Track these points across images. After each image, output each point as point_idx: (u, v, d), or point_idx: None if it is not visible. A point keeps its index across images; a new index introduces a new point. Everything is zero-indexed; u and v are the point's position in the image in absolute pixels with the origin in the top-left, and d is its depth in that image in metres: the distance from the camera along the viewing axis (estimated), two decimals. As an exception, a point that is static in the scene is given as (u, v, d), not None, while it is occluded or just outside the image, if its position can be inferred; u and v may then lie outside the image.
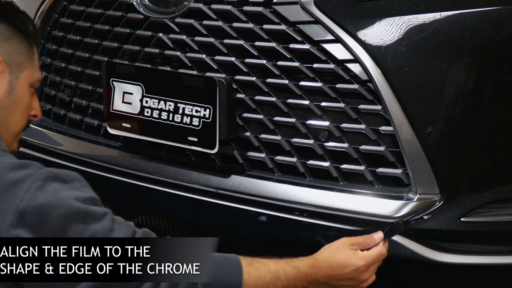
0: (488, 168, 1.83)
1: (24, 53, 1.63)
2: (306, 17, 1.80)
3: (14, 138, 1.63)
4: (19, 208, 1.31)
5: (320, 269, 1.60)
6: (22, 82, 1.61)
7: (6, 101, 1.58)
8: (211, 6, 1.93)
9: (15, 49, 1.61)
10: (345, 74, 1.79)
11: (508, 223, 1.84)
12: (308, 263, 1.60)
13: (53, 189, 1.36)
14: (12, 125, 1.61)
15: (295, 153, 1.90)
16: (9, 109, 1.59)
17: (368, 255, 1.67)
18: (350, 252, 1.65)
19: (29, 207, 1.32)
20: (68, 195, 1.36)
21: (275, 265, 1.54)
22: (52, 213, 1.33)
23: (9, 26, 1.61)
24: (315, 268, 1.60)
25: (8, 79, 1.58)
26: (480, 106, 1.77)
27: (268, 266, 1.53)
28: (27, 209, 1.31)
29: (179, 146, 2.00)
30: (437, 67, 1.73)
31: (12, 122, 1.60)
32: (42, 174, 1.37)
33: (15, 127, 1.62)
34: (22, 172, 1.36)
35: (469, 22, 1.74)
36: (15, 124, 1.62)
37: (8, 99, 1.58)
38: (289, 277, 1.54)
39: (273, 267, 1.53)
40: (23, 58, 1.62)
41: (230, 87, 1.90)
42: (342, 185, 1.87)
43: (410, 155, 1.76)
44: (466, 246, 1.85)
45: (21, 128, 1.65)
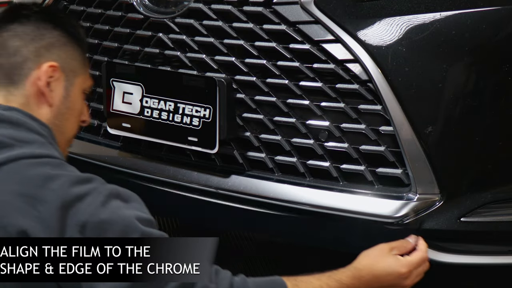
0: (488, 168, 1.83)
1: (78, 59, 1.62)
2: (306, 17, 1.80)
3: (67, 144, 1.63)
4: (80, 221, 1.32)
5: (362, 278, 1.59)
6: (76, 88, 1.61)
7: (62, 107, 1.57)
8: (211, 6, 1.93)
9: (70, 56, 1.60)
10: (345, 74, 1.79)
11: (508, 223, 1.84)
12: (349, 274, 1.58)
13: (115, 206, 1.36)
14: (67, 131, 1.60)
15: (295, 153, 1.90)
16: (65, 115, 1.58)
17: (410, 261, 1.65)
18: (391, 259, 1.63)
19: (91, 222, 1.33)
20: (129, 214, 1.37)
21: (318, 282, 1.53)
22: (111, 230, 1.33)
23: (64, 33, 1.60)
24: (357, 278, 1.58)
25: (64, 85, 1.58)
26: (480, 106, 1.77)
27: (312, 283, 1.51)
28: (88, 223, 1.32)
29: (179, 146, 2.00)
30: (437, 67, 1.73)
31: (67, 128, 1.60)
32: (106, 190, 1.38)
33: (69, 132, 1.62)
34: (87, 186, 1.37)
35: (469, 22, 1.74)
36: (69, 130, 1.61)
37: (64, 105, 1.58)
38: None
39: (317, 284, 1.52)
40: (77, 64, 1.62)
41: (230, 87, 1.90)
42: (342, 185, 1.87)
43: (410, 155, 1.76)
44: (466, 246, 1.85)
45: (74, 134, 1.64)
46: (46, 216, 1.32)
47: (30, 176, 1.35)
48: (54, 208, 1.32)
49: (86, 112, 1.69)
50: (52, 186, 1.34)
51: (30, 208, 1.32)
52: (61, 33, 1.60)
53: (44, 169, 1.37)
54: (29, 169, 1.36)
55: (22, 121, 1.46)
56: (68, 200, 1.33)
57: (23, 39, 1.55)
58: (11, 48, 1.55)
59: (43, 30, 1.57)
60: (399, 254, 1.66)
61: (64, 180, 1.36)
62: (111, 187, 1.40)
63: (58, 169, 1.39)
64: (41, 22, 1.58)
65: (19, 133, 1.43)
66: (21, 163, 1.37)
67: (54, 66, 1.55)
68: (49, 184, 1.34)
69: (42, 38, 1.56)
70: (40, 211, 1.32)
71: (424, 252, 1.68)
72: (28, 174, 1.35)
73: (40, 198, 1.33)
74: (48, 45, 1.56)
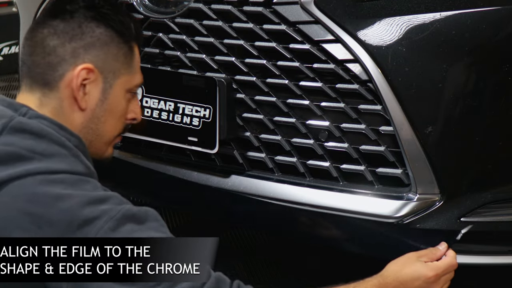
0: (488, 168, 1.83)
1: (121, 59, 1.50)
2: (306, 17, 1.80)
3: (107, 145, 1.55)
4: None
5: (387, 285, 1.56)
6: (117, 89, 1.50)
7: (98, 111, 1.48)
8: (211, 6, 1.93)
9: (112, 56, 1.49)
10: (345, 74, 1.79)
11: (508, 223, 1.84)
12: (375, 282, 1.56)
13: (127, 230, 1.31)
14: (104, 134, 1.52)
15: (295, 153, 1.90)
16: (101, 118, 1.49)
17: (437, 265, 1.62)
18: (418, 264, 1.60)
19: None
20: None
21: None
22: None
23: (107, 30, 1.49)
24: (383, 286, 1.56)
25: (101, 88, 1.48)
26: (480, 106, 1.77)
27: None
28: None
29: (179, 146, 2.00)
30: (437, 67, 1.74)
31: (105, 131, 1.51)
32: (119, 213, 1.31)
33: (108, 135, 1.53)
34: (99, 208, 1.30)
35: (469, 22, 1.74)
36: (107, 132, 1.52)
37: (101, 108, 1.49)
38: None
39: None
40: (120, 65, 1.50)
41: (230, 87, 1.90)
42: (342, 185, 1.87)
43: (410, 155, 1.76)
44: (466, 246, 1.85)
45: (115, 135, 1.55)
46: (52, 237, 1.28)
47: (41, 194, 1.30)
48: (60, 231, 1.28)
49: (137, 109, 1.58)
50: (62, 206, 1.29)
51: (35, 228, 1.28)
52: (104, 31, 1.48)
53: (57, 188, 1.31)
54: (42, 187, 1.30)
55: (45, 132, 1.38)
56: (75, 223, 1.28)
57: (62, 37, 1.46)
58: (48, 47, 1.46)
59: (85, 28, 1.47)
60: (428, 261, 1.64)
61: (75, 201, 1.30)
62: (125, 208, 1.33)
63: (72, 187, 1.32)
64: (84, 19, 1.48)
65: (39, 145, 1.36)
66: (35, 179, 1.31)
67: (88, 68, 1.45)
68: (58, 204, 1.29)
69: (82, 38, 1.47)
70: (46, 232, 1.28)
71: (452, 258, 1.66)
72: (39, 191, 1.30)
73: (47, 218, 1.28)
74: (87, 45, 1.47)
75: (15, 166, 1.32)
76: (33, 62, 1.47)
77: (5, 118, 1.38)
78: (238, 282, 1.41)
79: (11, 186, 1.31)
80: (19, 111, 1.41)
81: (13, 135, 1.36)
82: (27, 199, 1.30)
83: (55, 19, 1.48)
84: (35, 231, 1.29)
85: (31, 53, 1.48)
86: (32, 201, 1.30)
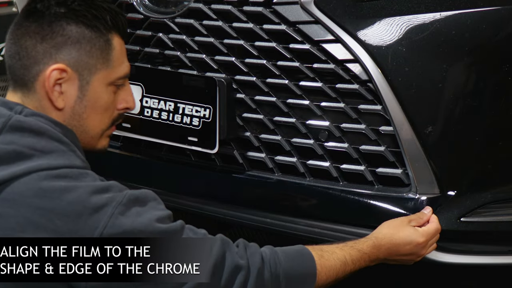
0: (488, 168, 1.83)
1: (96, 54, 1.47)
2: (306, 17, 1.80)
3: (97, 139, 1.54)
4: (103, 235, 1.31)
5: (382, 247, 1.65)
6: (96, 85, 1.48)
7: (78, 108, 1.47)
8: (211, 6, 1.93)
9: (85, 53, 1.46)
10: (345, 74, 1.79)
11: (508, 223, 1.84)
12: (370, 243, 1.65)
13: (134, 213, 1.35)
14: (89, 129, 1.51)
15: (295, 153, 1.90)
16: (83, 115, 1.48)
17: (427, 231, 1.71)
18: (411, 229, 1.69)
19: (112, 233, 1.31)
20: (149, 218, 1.36)
21: (342, 252, 1.59)
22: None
23: (78, 26, 1.45)
24: (377, 247, 1.65)
25: (77, 85, 1.46)
26: (480, 106, 1.77)
27: (336, 254, 1.58)
28: (110, 234, 1.31)
29: (179, 146, 2.00)
30: (437, 67, 1.74)
31: (89, 126, 1.50)
32: (124, 198, 1.35)
33: (94, 130, 1.52)
34: (104, 196, 1.34)
35: (469, 22, 1.74)
36: (93, 127, 1.51)
37: (80, 105, 1.47)
38: (354, 260, 1.60)
39: (341, 254, 1.59)
40: (95, 61, 1.47)
41: (230, 87, 1.90)
42: (342, 185, 1.87)
43: (410, 155, 1.76)
44: (466, 246, 1.85)
45: (102, 129, 1.53)
46: (64, 229, 1.30)
47: (47, 188, 1.32)
48: (72, 221, 1.31)
49: (128, 97, 1.55)
50: (70, 198, 1.32)
51: (47, 222, 1.30)
52: (75, 28, 1.45)
53: (61, 181, 1.33)
54: (46, 182, 1.33)
55: (44, 129, 1.39)
56: (86, 212, 1.31)
57: (33, 38, 1.45)
58: (22, 48, 1.45)
59: (55, 27, 1.45)
60: (417, 225, 1.72)
61: (81, 192, 1.33)
62: (128, 193, 1.37)
63: (76, 180, 1.35)
64: (54, 18, 1.45)
65: (39, 142, 1.37)
66: (38, 175, 1.33)
67: (60, 68, 1.44)
68: (66, 196, 1.32)
69: (52, 37, 1.45)
70: (57, 225, 1.30)
71: (437, 223, 1.74)
72: (45, 186, 1.32)
73: (57, 211, 1.30)
74: (58, 44, 1.45)
75: (18, 164, 1.34)
76: (12, 64, 1.47)
77: (3, 117, 1.39)
78: (242, 240, 1.49)
79: (16, 184, 1.32)
80: (14, 109, 1.42)
81: (12, 133, 1.37)
82: (34, 195, 1.31)
83: (27, 19, 1.47)
84: (47, 225, 1.30)
85: (10, 55, 1.48)
86: (40, 196, 1.31)
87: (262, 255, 1.48)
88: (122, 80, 1.53)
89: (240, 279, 1.43)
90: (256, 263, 1.45)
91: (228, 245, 1.45)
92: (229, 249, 1.44)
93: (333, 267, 1.56)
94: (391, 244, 1.67)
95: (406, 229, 1.69)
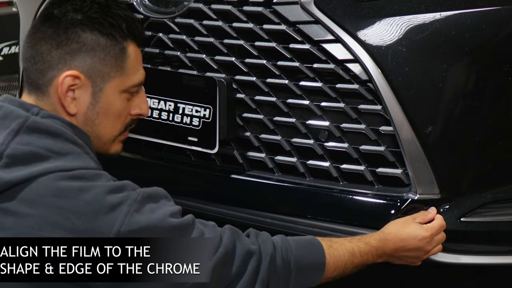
0: (488, 168, 1.83)
1: (111, 63, 1.47)
2: (306, 17, 1.80)
3: (109, 144, 1.55)
4: (120, 232, 1.33)
5: (388, 241, 1.68)
6: (109, 92, 1.48)
7: (90, 114, 1.48)
8: (211, 6, 1.93)
9: (99, 61, 1.46)
10: (345, 74, 1.79)
11: (508, 223, 1.84)
12: (377, 237, 1.68)
13: (148, 210, 1.38)
14: (102, 135, 1.52)
15: (295, 153, 1.90)
16: (95, 121, 1.49)
17: (432, 226, 1.74)
18: (416, 225, 1.72)
19: (129, 230, 1.34)
20: (163, 213, 1.39)
21: (350, 244, 1.63)
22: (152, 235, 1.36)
23: (93, 34, 1.46)
24: (383, 241, 1.68)
25: (91, 92, 1.47)
26: (480, 106, 1.77)
27: (345, 245, 1.62)
28: (126, 232, 1.34)
29: (179, 146, 2.00)
30: (437, 67, 1.74)
31: (102, 132, 1.51)
32: (138, 196, 1.38)
33: (106, 136, 1.53)
34: (120, 195, 1.37)
35: (469, 22, 1.74)
36: (105, 133, 1.52)
37: (93, 111, 1.48)
38: (362, 253, 1.64)
39: (349, 246, 1.63)
40: (109, 69, 1.47)
41: (230, 87, 1.90)
42: (342, 185, 1.87)
43: (410, 155, 1.76)
44: (466, 246, 1.85)
45: (115, 135, 1.54)
46: (82, 228, 1.32)
47: (64, 188, 1.34)
48: (90, 220, 1.33)
49: (142, 104, 1.56)
50: (86, 197, 1.34)
51: (65, 221, 1.33)
52: (90, 36, 1.46)
53: (77, 182, 1.36)
54: (63, 182, 1.35)
55: (60, 131, 1.41)
56: (103, 211, 1.34)
57: (49, 43, 1.46)
58: (38, 52, 1.46)
59: (71, 34, 1.46)
60: (422, 222, 1.75)
61: (97, 191, 1.35)
62: (142, 191, 1.40)
63: (91, 180, 1.37)
64: (70, 24, 1.46)
65: (56, 144, 1.39)
66: (55, 176, 1.35)
67: (73, 75, 1.44)
68: (83, 196, 1.34)
69: (68, 44, 1.45)
70: (75, 223, 1.32)
71: (442, 220, 1.76)
72: (62, 186, 1.34)
73: (75, 210, 1.33)
74: (73, 51, 1.45)
75: (35, 165, 1.36)
76: (27, 67, 1.49)
77: (20, 118, 1.41)
78: (252, 229, 1.55)
79: (34, 184, 1.34)
80: (30, 110, 1.43)
81: (29, 134, 1.39)
82: (52, 194, 1.34)
83: (44, 24, 1.48)
84: (65, 224, 1.32)
85: (26, 58, 1.49)
86: (57, 195, 1.34)
87: (274, 242, 1.52)
88: (137, 88, 1.54)
89: (252, 265, 1.47)
90: (268, 249, 1.50)
91: (237, 233, 1.49)
92: (239, 238, 1.48)
93: (342, 257, 1.60)
94: (397, 239, 1.69)
95: (411, 225, 1.72)
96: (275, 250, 1.51)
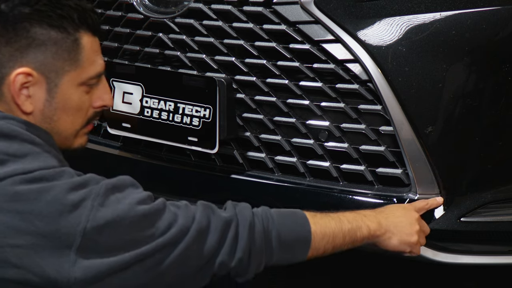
0: (488, 168, 1.83)
1: (63, 56, 1.43)
2: (306, 17, 1.80)
3: (72, 138, 1.51)
4: (86, 229, 1.29)
5: (381, 212, 1.64)
6: (65, 87, 1.44)
7: (48, 111, 1.44)
8: (211, 6, 1.93)
9: (51, 55, 1.42)
10: (345, 74, 1.79)
11: (508, 223, 1.84)
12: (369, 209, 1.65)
13: (114, 201, 1.33)
14: (62, 131, 1.48)
15: (295, 153, 1.90)
16: (53, 117, 1.45)
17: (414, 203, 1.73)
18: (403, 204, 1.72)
19: (97, 227, 1.30)
20: (130, 202, 1.34)
21: (335, 214, 1.58)
22: (120, 226, 1.32)
23: (43, 28, 1.41)
24: (377, 211, 1.64)
25: (45, 88, 1.43)
26: (480, 106, 1.77)
27: (329, 215, 1.56)
28: (93, 227, 1.29)
29: (179, 146, 2.00)
30: (437, 67, 1.74)
31: (62, 128, 1.47)
32: (102, 189, 1.33)
33: (67, 130, 1.49)
34: (82, 191, 1.32)
35: (469, 22, 1.74)
36: (66, 128, 1.48)
37: (50, 108, 1.44)
38: (350, 219, 1.57)
39: (334, 214, 1.57)
40: (62, 62, 1.43)
41: (230, 87, 1.90)
42: (342, 185, 1.87)
43: (410, 155, 1.76)
44: (466, 246, 1.85)
45: (76, 129, 1.50)
46: (46, 230, 1.28)
47: (23, 192, 1.30)
48: (53, 221, 1.29)
49: (104, 95, 1.52)
50: (47, 198, 1.30)
51: (28, 225, 1.28)
52: (40, 30, 1.41)
53: (36, 184, 1.31)
54: (22, 186, 1.30)
55: (16, 132, 1.37)
56: (66, 209, 1.29)
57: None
58: None
59: (19, 30, 1.40)
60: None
61: (58, 191, 1.31)
62: (105, 183, 1.35)
63: (52, 180, 1.33)
64: (18, 19, 1.40)
65: (12, 146, 1.35)
66: (13, 180, 1.31)
67: (25, 72, 1.40)
68: (43, 197, 1.30)
69: (17, 40, 1.40)
70: (38, 226, 1.28)
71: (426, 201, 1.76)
72: (21, 190, 1.30)
73: (36, 213, 1.29)
74: (22, 47, 1.41)
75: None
76: None
77: None
78: (230, 201, 1.49)
79: None
80: None
81: None
82: (11, 200, 1.30)
83: None
84: (28, 228, 1.28)
85: None
86: (17, 200, 1.30)
87: (253, 211, 1.47)
88: (95, 79, 1.50)
89: (231, 234, 1.42)
90: (246, 216, 1.44)
91: (211, 208, 1.44)
92: (213, 212, 1.43)
93: (328, 224, 1.53)
94: (384, 208, 1.67)
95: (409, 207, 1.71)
96: (254, 217, 1.45)
